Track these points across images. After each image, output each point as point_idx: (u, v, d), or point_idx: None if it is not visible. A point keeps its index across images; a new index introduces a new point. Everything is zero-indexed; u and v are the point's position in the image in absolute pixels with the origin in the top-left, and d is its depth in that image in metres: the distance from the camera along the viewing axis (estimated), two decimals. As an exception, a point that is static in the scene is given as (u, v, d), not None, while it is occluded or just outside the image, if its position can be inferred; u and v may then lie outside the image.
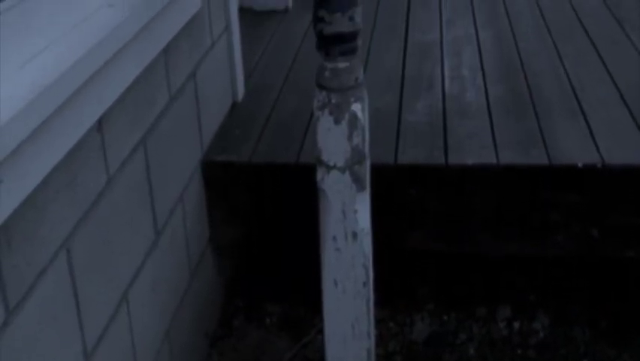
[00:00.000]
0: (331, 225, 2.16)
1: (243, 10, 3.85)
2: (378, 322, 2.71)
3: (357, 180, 2.15)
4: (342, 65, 2.06)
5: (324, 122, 2.09)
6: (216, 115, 3.02)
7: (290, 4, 4.41)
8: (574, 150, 2.74)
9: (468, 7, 4.30)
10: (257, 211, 2.88)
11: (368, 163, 2.17)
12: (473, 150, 2.77)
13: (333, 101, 2.07)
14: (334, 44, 2.04)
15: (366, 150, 2.15)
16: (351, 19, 2.02)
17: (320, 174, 2.14)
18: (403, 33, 3.93)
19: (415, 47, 3.74)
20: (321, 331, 2.35)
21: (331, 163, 2.11)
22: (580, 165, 2.66)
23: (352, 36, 2.05)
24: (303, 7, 4.33)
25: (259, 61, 3.69)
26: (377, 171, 2.26)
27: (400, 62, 3.55)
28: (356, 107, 2.09)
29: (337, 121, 2.08)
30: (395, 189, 2.75)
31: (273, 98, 3.28)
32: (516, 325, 2.89)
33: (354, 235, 2.15)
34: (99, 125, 1.94)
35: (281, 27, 4.16)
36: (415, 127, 2.96)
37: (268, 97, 3.30)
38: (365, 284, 2.18)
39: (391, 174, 2.74)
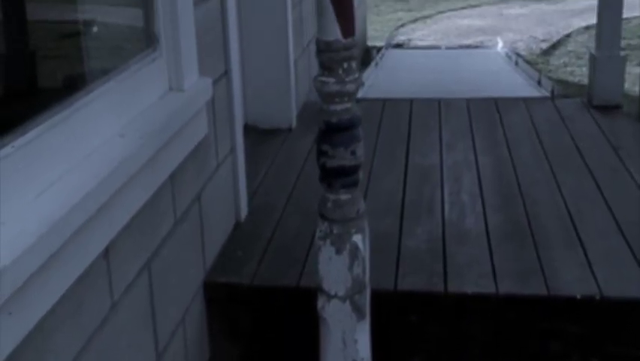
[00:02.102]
0: (331, 353, 2.19)
1: (247, 128, 3.94)
2: None
3: (358, 310, 2.18)
4: (344, 197, 2.12)
5: (326, 252, 2.14)
6: (219, 236, 3.06)
7: (294, 123, 4.52)
8: (572, 280, 2.77)
9: (467, 131, 4.39)
10: (258, 333, 2.89)
11: (368, 292, 2.20)
12: (472, 279, 2.80)
13: (335, 231, 2.12)
14: (336, 177, 2.10)
15: (367, 279, 2.19)
16: (353, 153, 2.09)
17: (321, 302, 2.18)
18: (403, 156, 4.01)
19: (416, 171, 3.81)
20: None
21: (332, 292, 2.15)
22: (578, 296, 2.68)
23: (354, 170, 2.11)
24: (306, 127, 4.43)
25: (263, 180, 3.76)
26: (377, 296, 2.29)
27: (400, 186, 3.61)
28: (357, 238, 2.14)
29: (339, 251, 2.13)
30: (395, 315, 2.77)
31: (275, 219, 3.33)
32: None
33: (354, 364, 2.16)
34: (106, 252, 1.98)
35: (285, 146, 4.24)
36: (414, 253, 3.00)
37: (271, 217, 3.34)
38: (364, 413, 2.18)
39: (391, 300, 2.76)
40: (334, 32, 2.03)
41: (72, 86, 2.17)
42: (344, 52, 2.05)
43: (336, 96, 2.06)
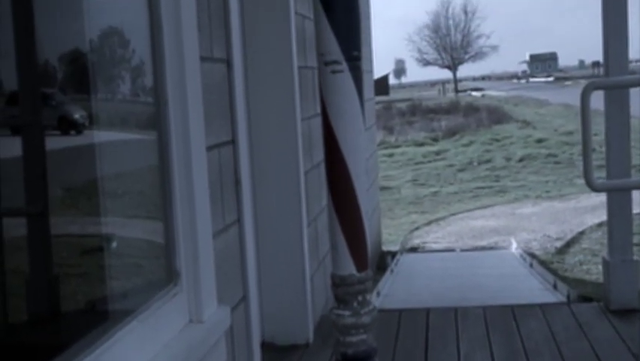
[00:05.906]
0: None
1: (264, 346, 3.96)
2: None
3: None
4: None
5: None
6: None
7: (311, 338, 4.52)
8: None
9: (485, 341, 4.39)
10: None
11: None
12: None
13: None
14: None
15: None
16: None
17: None
18: (422, 371, 4.01)
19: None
20: None
21: None
22: None
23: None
24: (323, 341, 4.44)
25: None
26: None
27: (420, 404, 3.60)
28: None
29: None
30: None
31: None
32: None
33: None
34: None
35: (302, 361, 4.24)
36: None
37: None
38: None
39: None
40: (348, 267, 2.11)
41: (94, 311, 2.22)
42: (358, 285, 2.12)
43: (351, 328, 2.11)
